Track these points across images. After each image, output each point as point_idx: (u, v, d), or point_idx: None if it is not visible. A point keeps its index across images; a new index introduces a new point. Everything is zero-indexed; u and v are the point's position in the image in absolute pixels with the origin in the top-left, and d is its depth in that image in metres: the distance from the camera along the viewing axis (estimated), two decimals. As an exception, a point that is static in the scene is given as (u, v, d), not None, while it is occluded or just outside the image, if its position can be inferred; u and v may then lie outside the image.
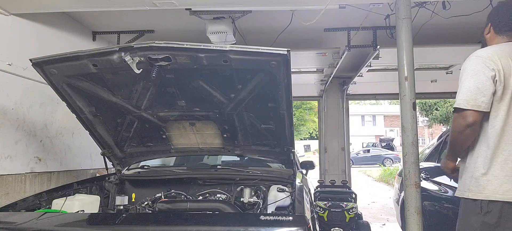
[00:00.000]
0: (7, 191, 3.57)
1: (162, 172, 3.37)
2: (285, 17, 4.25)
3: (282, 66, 2.19)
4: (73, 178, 4.25)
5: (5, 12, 3.67)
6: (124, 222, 1.97)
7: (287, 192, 2.60)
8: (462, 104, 2.03)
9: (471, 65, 2.08)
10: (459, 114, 2.06)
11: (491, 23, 2.31)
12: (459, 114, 2.06)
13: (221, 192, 2.97)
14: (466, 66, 2.10)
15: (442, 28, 4.73)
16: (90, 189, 2.99)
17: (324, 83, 7.12)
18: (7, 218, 2.16)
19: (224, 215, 2.43)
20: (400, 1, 3.20)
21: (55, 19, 4.32)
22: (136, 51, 2.22)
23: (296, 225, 1.80)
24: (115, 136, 2.96)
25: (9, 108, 3.66)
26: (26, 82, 3.82)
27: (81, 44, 4.78)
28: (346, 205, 4.67)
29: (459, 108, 2.04)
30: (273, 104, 2.53)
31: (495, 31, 2.29)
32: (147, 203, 2.79)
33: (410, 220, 2.98)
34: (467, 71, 2.07)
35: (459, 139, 2.11)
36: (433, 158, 4.42)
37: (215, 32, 4.26)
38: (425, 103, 19.87)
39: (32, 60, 2.37)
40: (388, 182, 14.71)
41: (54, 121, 4.28)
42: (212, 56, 2.21)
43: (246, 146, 3.01)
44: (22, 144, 3.81)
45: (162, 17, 4.56)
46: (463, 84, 2.06)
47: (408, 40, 3.16)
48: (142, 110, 2.76)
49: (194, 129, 2.94)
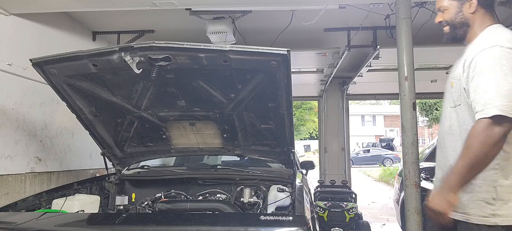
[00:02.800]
0: (7, 191, 3.57)
1: (162, 172, 3.37)
2: (285, 17, 4.25)
3: (282, 66, 2.19)
4: (73, 178, 4.25)
5: (5, 12, 3.67)
6: (124, 222, 1.97)
7: (287, 192, 2.59)
8: (508, 110, 1.59)
9: (504, 59, 1.65)
10: (495, 123, 1.61)
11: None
12: (495, 123, 1.61)
13: (221, 192, 2.97)
14: (496, 58, 1.66)
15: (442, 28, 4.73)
16: (90, 189, 2.99)
17: (324, 83, 7.12)
18: (7, 218, 2.16)
19: (224, 215, 2.43)
20: (400, 1, 3.20)
21: (55, 19, 4.32)
22: (136, 51, 2.21)
23: (296, 225, 1.80)
24: (115, 136, 2.95)
25: (9, 108, 3.66)
26: (26, 82, 3.82)
27: (81, 44, 4.78)
28: (346, 205, 4.67)
29: (501, 115, 1.59)
30: (273, 104, 2.53)
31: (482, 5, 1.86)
32: (147, 203, 2.79)
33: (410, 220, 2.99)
34: (501, 66, 1.64)
35: (490, 155, 1.64)
36: (433, 158, 4.41)
37: (215, 32, 4.26)
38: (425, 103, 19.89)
39: (32, 60, 2.37)
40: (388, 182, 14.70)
41: (54, 121, 4.28)
42: (212, 56, 2.21)
43: (246, 146, 3.01)
44: (22, 144, 3.81)
45: (162, 17, 4.56)
46: (498, 83, 1.62)
47: (408, 40, 3.17)
48: (142, 110, 2.76)
49: (194, 129, 2.94)
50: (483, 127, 1.63)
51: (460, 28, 1.90)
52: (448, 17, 1.92)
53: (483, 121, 1.63)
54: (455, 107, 1.85)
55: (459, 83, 1.82)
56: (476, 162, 1.64)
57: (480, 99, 1.66)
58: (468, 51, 1.83)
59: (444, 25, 1.96)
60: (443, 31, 1.99)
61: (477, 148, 1.63)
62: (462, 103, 1.81)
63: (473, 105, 1.71)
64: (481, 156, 1.63)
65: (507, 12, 4.16)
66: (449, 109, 1.90)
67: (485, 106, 1.63)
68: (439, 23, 1.99)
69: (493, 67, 1.66)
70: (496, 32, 1.80)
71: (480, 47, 1.74)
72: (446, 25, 1.95)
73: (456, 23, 1.90)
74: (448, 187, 1.71)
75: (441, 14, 1.96)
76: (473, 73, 1.72)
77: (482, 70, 1.69)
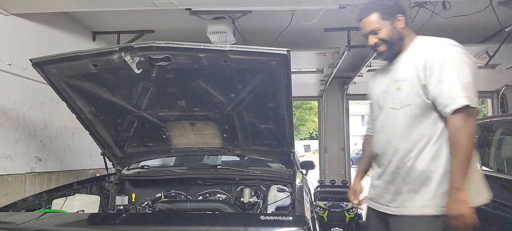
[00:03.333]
0: (7, 191, 3.57)
1: (162, 172, 3.37)
2: (285, 17, 4.25)
3: (282, 66, 2.19)
4: (73, 178, 4.25)
5: (5, 12, 3.68)
6: (124, 222, 1.96)
7: (287, 192, 2.59)
8: (474, 101, 1.72)
9: (458, 55, 1.79)
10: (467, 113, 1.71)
11: (403, 14, 2.00)
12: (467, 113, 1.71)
13: (221, 192, 2.98)
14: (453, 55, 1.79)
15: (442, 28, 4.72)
16: (90, 189, 2.99)
17: (324, 83, 7.12)
18: (7, 218, 2.16)
19: (224, 215, 2.43)
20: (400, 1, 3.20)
21: (55, 19, 4.32)
22: (136, 51, 2.21)
23: (296, 225, 1.79)
24: (115, 136, 2.96)
25: (9, 108, 3.66)
26: (26, 82, 3.82)
27: (81, 44, 4.78)
28: (346, 205, 4.68)
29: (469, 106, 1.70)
30: (273, 104, 2.53)
31: (406, 21, 2.02)
32: (147, 203, 2.79)
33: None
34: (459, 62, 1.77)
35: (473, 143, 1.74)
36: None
37: (215, 32, 4.27)
38: (425, 103, 19.86)
39: (32, 60, 2.37)
40: (388, 182, 14.65)
41: (54, 121, 4.28)
42: (212, 56, 2.21)
43: (246, 146, 3.01)
44: (22, 144, 3.81)
45: (162, 17, 4.56)
46: (460, 77, 1.74)
47: (408, 40, 3.16)
48: (142, 110, 2.76)
49: (194, 129, 2.94)
50: (460, 120, 1.71)
51: (397, 43, 1.98)
52: (385, 35, 1.97)
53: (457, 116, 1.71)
54: (402, 108, 1.90)
55: (411, 84, 1.87)
56: (468, 154, 1.71)
57: (447, 94, 1.74)
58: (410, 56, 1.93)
59: (380, 45, 2.00)
60: (378, 51, 2.03)
61: (464, 141, 1.70)
62: (413, 104, 1.86)
63: (438, 101, 1.78)
64: (469, 147, 1.71)
65: (507, 12, 4.16)
66: (392, 111, 1.95)
67: (454, 99, 1.72)
68: (373, 45, 2.02)
69: (452, 63, 1.76)
70: (431, 39, 1.95)
71: (432, 49, 1.85)
72: (381, 44, 2.00)
73: (394, 40, 1.97)
74: (456, 190, 1.71)
75: (375, 36, 2.00)
76: (431, 71, 1.80)
77: (442, 67, 1.77)
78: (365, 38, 2.07)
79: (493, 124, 3.52)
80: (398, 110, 1.92)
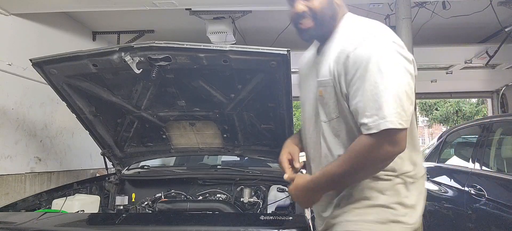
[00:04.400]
0: (7, 191, 3.57)
1: (162, 172, 3.37)
2: (285, 17, 4.24)
3: (282, 66, 2.19)
4: (73, 178, 4.25)
5: (5, 12, 3.68)
6: (124, 222, 1.97)
7: (287, 192, 2.59)
8: (397, 122, 1.18)
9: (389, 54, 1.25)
10: (389, 138, 1.20)
11: None
12: (389, 138, 1.20)
13: (221, 192, 2.97)
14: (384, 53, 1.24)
15: (442, 28, 4.73)
16: (90, 189, 2.98)
17: (324, 83, 7.11)
18: (7, 218, 2.16)
19: (224, 215, 2.43)
20: (400, 1, 3.20)
21: (55, 19, 4.32)
22: (136, 51, 2.21)
23: (296, 225, 1.80)
24: (115, 136, 2.95)
25: (9, 108, 3.66)
26: (26, 82, 3.82)
27: (81, 44, 4.78)
28: (346, 205, 4.66)
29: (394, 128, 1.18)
30: (273, 104, 2.53)
31: None
32: (147, 203, 2.79)
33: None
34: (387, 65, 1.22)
35: (376, 168, 1.29)
36: (433, 158, 4.42)
37: (215, 32, 4.27)
38: (425, 103, 19.88)
39: (32, 60, 2.37)
40: (388, 182, 14.67)
41: (54, 121, 4.28)
42: (212, 56, 2.21)
43: (246, 146, 3.01)
44: (22, 144, 3.81)
45: (162, 17, 4.56)
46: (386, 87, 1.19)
47: (408, 40, 3.17)
48: (142, 110, 2.76)
49: (194, 129, 2.94)
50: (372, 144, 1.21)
51: (328, 23, 1.41)
52: (318, 5, 1.38)
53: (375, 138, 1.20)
54: (329, 121, 1.39)
55: (332, 90, 1.35)
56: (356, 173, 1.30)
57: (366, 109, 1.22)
58: (334, 46, 1.37)
59: (306, 17, 1.40)
60: (301, 27, 1.43)
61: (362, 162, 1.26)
62: (340, 115, 1.36)
63: (356, 116, 1.27)
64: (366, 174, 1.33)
65: (507, 12, 4.16)
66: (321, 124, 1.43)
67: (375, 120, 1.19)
68: (297, 15, 1.42)
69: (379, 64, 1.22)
70: (358, 22, 1.41)
71: (355, 40, 1.30)
72: (308, 18, 1.40)
73: (325, 17, 1.40)
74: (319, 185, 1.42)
75: (305, 2, 1.40)
76: (352, 73, 1.27)
77: (366, 69, 1.23)
78: (289, 4, 1.46)
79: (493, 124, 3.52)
80: (325, 123, 1.42)
